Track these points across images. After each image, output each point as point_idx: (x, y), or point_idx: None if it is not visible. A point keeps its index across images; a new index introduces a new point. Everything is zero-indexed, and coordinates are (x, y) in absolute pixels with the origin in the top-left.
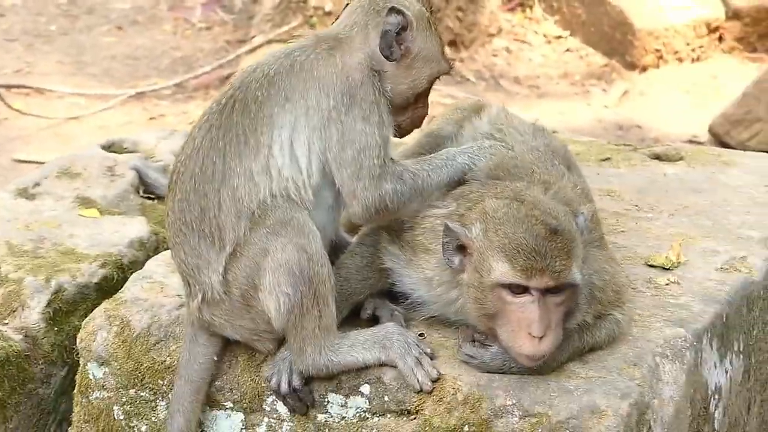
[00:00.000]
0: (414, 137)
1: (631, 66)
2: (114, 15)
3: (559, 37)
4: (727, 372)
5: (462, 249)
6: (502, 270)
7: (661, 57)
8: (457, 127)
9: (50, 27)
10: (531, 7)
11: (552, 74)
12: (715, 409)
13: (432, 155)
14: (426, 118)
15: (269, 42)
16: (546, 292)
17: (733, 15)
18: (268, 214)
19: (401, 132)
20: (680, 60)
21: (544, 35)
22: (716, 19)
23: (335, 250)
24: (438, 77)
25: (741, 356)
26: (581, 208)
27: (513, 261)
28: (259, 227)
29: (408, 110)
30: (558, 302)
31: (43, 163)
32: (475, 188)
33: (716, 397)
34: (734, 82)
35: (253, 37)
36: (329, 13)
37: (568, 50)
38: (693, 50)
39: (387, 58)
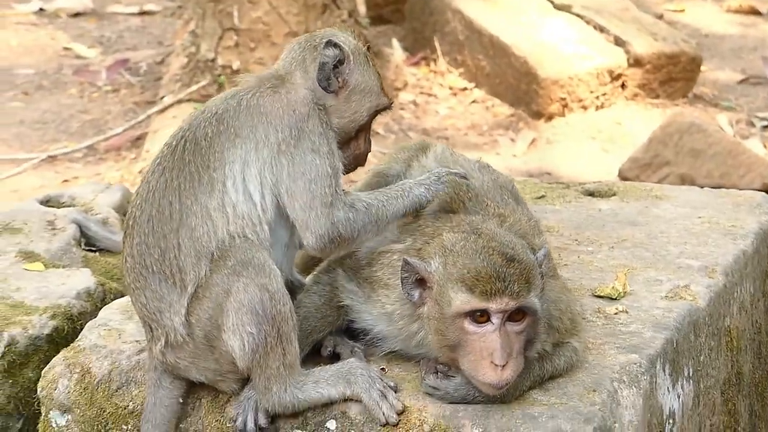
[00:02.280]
0: (362, 177)
1: (537, 115)
2: (19, 80)
3: (465, 89)
4: (679, 397)
5: (421, 283)
6: (462, 299)
7: (566, 105)
8: (405, 165)
9: None
10: (435, 61)
11: (459, 125)
12: None
13: (388, 187)
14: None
15: (179, 102)
16: (506, 320)
17: (635, 62)
18: (228, 254)
19: (345, 169)
20: (585, 108)
21: (450, 87)
22: (618, 66)
23: (289, 290)
24: (378, 112)
25: (691, 381)
26: (537, 240)
27: (472, 289)
28: (220, 268)
29: (350, 146)
30: (518, 331)
31: None
32: (430, 222)
33: (671, 421)
34: (638, 127)
35: (162, 97)
36: (237, 71)
37: (474, 101)
38: (597, 98)
39: (325, 89)
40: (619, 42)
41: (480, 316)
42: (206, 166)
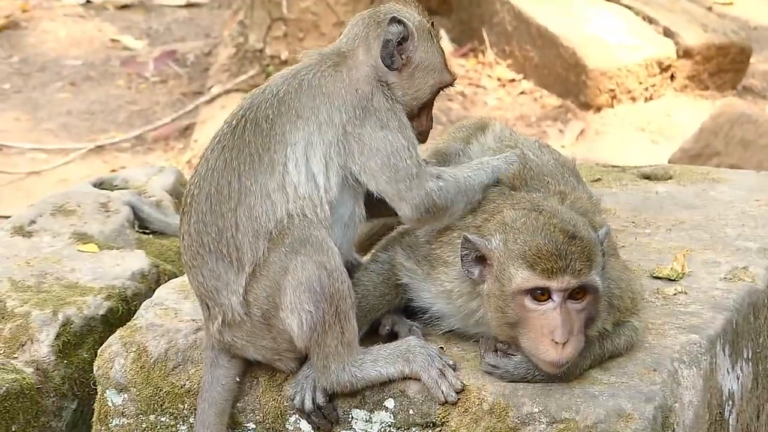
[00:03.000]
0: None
1: (586, 106)
2: (66, 72)
3: (513, 80)
4: (738, 378)
5: (481, 260)
6: (523, 276)
7: (614, 96)
8: (464, 144)
9: (4, 85)
10: (483, 53)
11: (508, 116)
12: (729, 415)
13: (465, 163)
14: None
15: (227, 92)
16: (567, 298)
17: (684, 54)
18: (286, 233)
19: None
20: (634, 99)
21: (498, 79)
22: (667, 57)
23: (348, 271)
24: (441, 88)
25: (750, 363)
26: (597, 218)
27: (534, 266)
28: (277, 246)
29: (413, 123)
30: (579, 309)
31: (7, 216)
32: (490, 199)
33: (730, 403)
34: (687, 119)
35: (210, 87)
36: (285, 62)
37: (522, 93)
38: (646, 89)
39: (389, 67)
40: (668, 33)
41: (541, 294)
42: (267, 147)
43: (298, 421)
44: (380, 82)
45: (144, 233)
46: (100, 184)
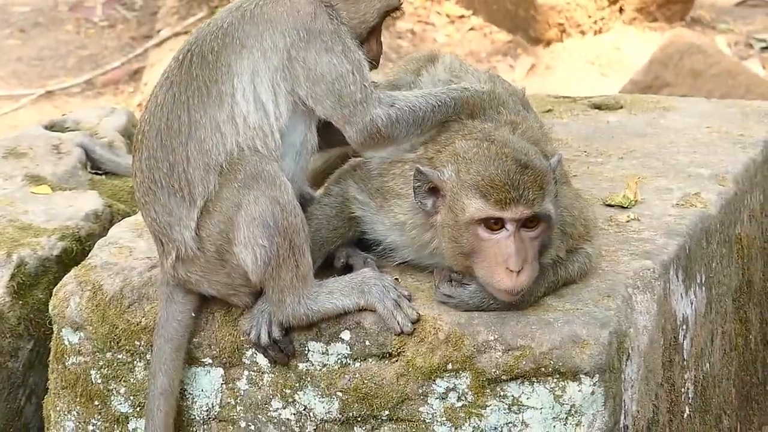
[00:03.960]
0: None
1: (536, 41)
2: (14, 18)
3: (462, 16)
4: (692, 303)
5: (434, 191)
6: (476, 206)
7: (564, 30)
8: (414, 76)
9: None
10: None
11: (458, 53)
12: (683, 339)
13: (433, 89)
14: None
15: (176, 35)
16: (521, 226)
17: None
18: (238, 167)
19: None
20: (583, 33)
21: (447, 15)
22: None
23: (301, 204)
24: (388, 13)
25: (703, 288)
26: (548, 147)
27: (487, 196)
28: (229, 182)
29: (362, 49)
30: (533, 236)
31: None
32: (442, 130)
33: (684, 327)
34: (637, 51)
35: (159, 30)
36: None
37: (471, 29)
38: (595, 22)
39: None
40: None
41: (494, 224)
42: (214, 79)
43: (255, 355)
44: (323, 4)
45: (97, 174)
46: (51, 127)
